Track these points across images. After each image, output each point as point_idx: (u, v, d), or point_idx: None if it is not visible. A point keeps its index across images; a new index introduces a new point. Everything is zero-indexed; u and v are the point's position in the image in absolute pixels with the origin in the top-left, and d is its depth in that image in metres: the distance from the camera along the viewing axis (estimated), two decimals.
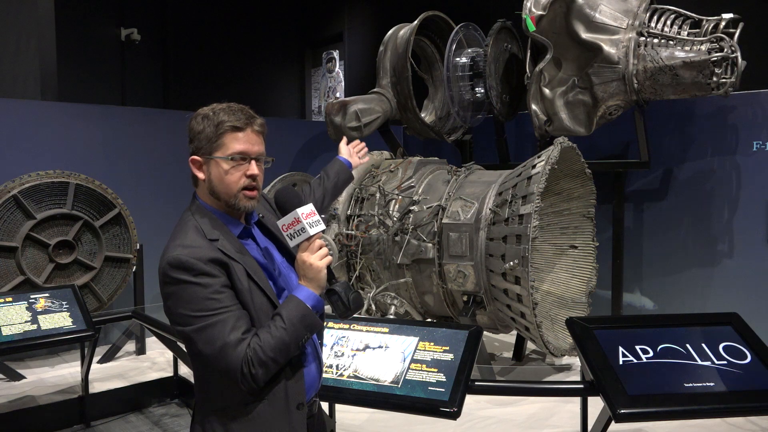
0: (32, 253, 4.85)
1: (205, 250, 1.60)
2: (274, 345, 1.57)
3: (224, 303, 1.58)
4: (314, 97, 10.43)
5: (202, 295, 1.56)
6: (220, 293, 1.58)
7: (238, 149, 1.68)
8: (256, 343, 1.56)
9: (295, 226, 1.66)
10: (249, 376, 1.55)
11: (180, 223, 1.71)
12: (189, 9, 8.98)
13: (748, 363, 2.45)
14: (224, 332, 1.55)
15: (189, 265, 1.56)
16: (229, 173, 1.67)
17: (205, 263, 1.58)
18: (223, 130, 1.67)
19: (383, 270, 4.74)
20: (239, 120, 1.68)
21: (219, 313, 1.56)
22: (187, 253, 1.58)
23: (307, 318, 1.62)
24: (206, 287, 1.57)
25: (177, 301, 1.58)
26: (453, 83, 5.56)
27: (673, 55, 4.47)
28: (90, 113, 5.69)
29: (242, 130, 1.68)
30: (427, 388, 2.54)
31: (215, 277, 1.58)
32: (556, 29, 4.88)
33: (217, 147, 1.68)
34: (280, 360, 1.60)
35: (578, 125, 4.96)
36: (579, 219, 4.85)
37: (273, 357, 1.57)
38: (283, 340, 1.58)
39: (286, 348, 1.59)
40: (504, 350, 5.31)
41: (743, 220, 4.96)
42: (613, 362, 2.46)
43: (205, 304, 1.56)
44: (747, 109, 4.94)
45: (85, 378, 4.15)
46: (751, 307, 4.67)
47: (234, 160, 1.67)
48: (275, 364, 1.59)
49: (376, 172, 5.09)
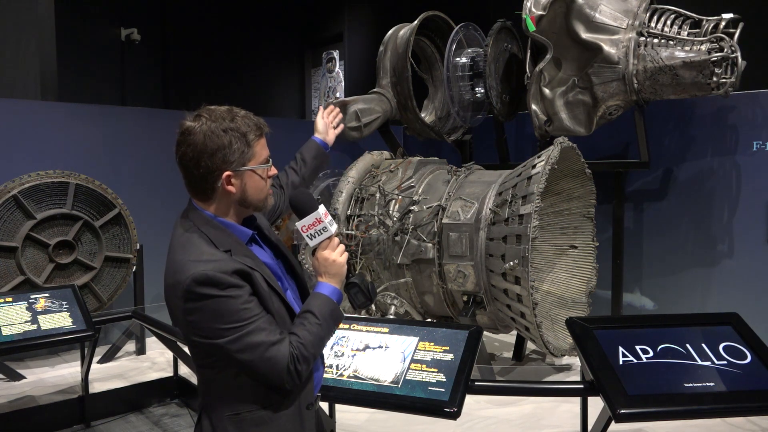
0: (32, 253, 4.85)
1: (227, 262, 1.60)
2: (313, 340, 1.64)
3: (254, 311, 1.59)
4: (314, 97, 10.43)
5: (234, 307, 1.56)
6: (249, 302, 1.59)
7: (267, 154, 1.74)
8: (297, 341, 1.62)
9: (317, 226, 1.74)
10: (295, 372, 1.59)
11: (182, 236, 1.67)
12: (189, 9, 8.97)
13: (748, 363, 2.45)
14: (263, 337, 1.58)
15: (217, 280, 1.55)
16: (262, 180, 1.73)
17: (230, 275, 1.57)
18: (251, 139, 1.69)
19: (383, 270, 4.75)
20: (258, 126, 1.72)
21: (253, 321, 1.58)
22: (211, 268, 1.56)
23: (335, 312, 1.71)
24: (237, 299, 1.57)
25: (206, 315, 1.56)
26: (453, 83, 5.56)
27: (673, 55, 4.47)
28: (90, 113, 5.69)
29: (263, 135, 1.74)
30: (427, 388, 2.54)
31: (242, 288, 1.59)
32: (556, 29, 4.88)
33: (250, 157, 1.69)
34: (318, 355, 1.69)
35: (578, 125, 4.96)
36: (579, 219, 4.85)
37: (314, 353, 1.64)
38: (320, 335, 1.66)
39: (322, 343, 1.68)
40: (504, 350, 5.31)
41: (743, 221, 4.96)
42: (613, 362, 2.46)
43: (239, 315, 1.56)
44: (747, 109, 4.94)
45: (85, 378, 4.15)
46: (751, 307, 4.67)
47: (262, 166, 1.72)
48: (314, 360, 1.66)
49: (376, 172, 5.09)
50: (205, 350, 1.63)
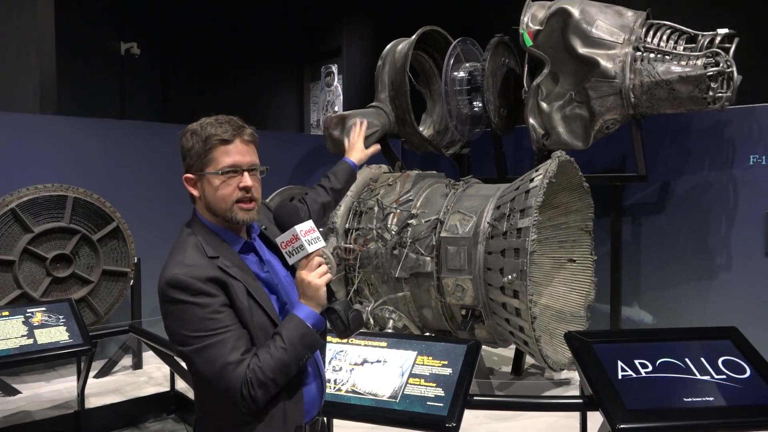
0: (29, 267, 4.83)
1: (204, 268, 1.58)
2: (273, 366, 1.54)
3: (223, 323, 1.55)
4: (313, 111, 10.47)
5: (201, 315, 1.54)
6: (219, 313, 1.55)
7: (229, 162, 1.64)
8: (255, 363, 1.53)
9: (294, 243, 1.63)
10: (249, 397, 1.52)
11: (179, 240, 1.69)
12: (188, 23, 9.03)
13: (748, 377, 2.44)
14: (223, 353, 1.52)
15: (186, 285, 1.54)
16: (222, 188, 1.64)
17: (203, 282, 1.55)
18: (211, 144, 1.64)
19: (381, 284, 4.74)
20: (226, 132, 1.65)
21: (218, 334, 1.54)
22: (185, 272, 1.55)
23: (306, 337, 1.59)
24: (204, 307, 1.54)
25: (175, 320, 1.56)
26: (451, 97, 5.59)
27: (670, 69, 4.50)
28: (89, 127, 5.71)
29: (230, 142, 1.65)
30: (425, 403, 2.53)
31: (214, 297, 1.56)
32: (553, 44, 4.92)
33: (207, 162, 1.65)
34: (280, 380, 1.57)
35: (576, 139, 4.98)
36: (577, 232, 4.85)
37: (273, 378, 1.54)
38: (283, 360, 1.55)
39: (286, 368, 1.57)
40: (503, 364, 5.28)
41: (741, 234, 4.97)
42: (612, 376, 2.45)
43: (204, 324, 1.54)
44: (743, 124, 4.97)
45: (81, 393, 4.13)
46: (750, 320, 4.67)
47: (224, 174, 1.64)
48: (275, 385, 1.56)
49: (374, 185, 5.10)
50: (185, 360, 1.62)
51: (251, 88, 9.73)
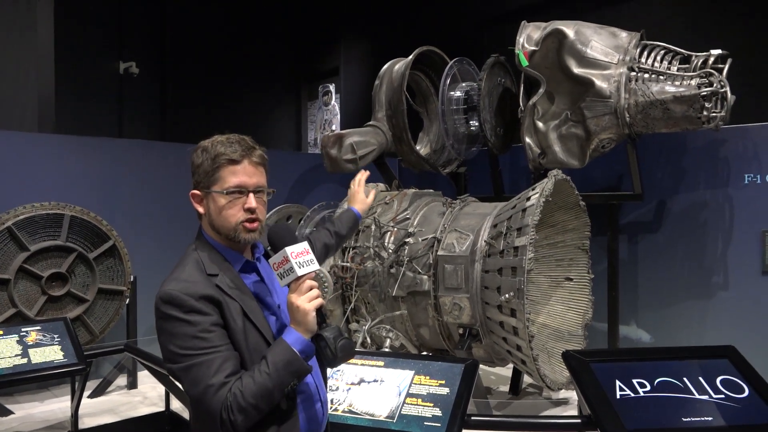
0: (25, 286, 4.81)
1: (199, 285, 1.57)
2: (255, 391, 1.50)
3: (212, 342, 1.53)
4: (310, 130, 10.52)
5: (191, 333, 1.52)
6: (209, 332, 1.53)
7: (235, 183, 1.64)
8: (237, 387, 1.50)
9: (285, 265, 1.60)
10: (228, 422, 1.48)
11: (183, 256, 1.68)
12: (187, 42, 9.11)
13: (746, 397, 2.43)
14: (208, 374, 1.50)
15: (179, 301, 1.53)
16: (227, 207, 1.64)
17: (196, 300, 1.54)
18: (219, 163, 1.64)
19: (378, 302, 4.72)
20: (235, 152, 1.65)
21: (205, 354, 1.51)
22: (179, 288, 1.55)
23: (292, 364, 1.54)
24: (195, 325, 1.52)
25: (167, 336, 1.55)
26: (447, 116, 5.63)
27: (664, 89, 4.54)
28: (87, 145, 5.72)
29: (239, 162, 1.65)
30: (422, 423, 2.51)
31: (205, 315, 1.54)
32: (548, 64, 4.97)
33: (214, 181, 1.65)
34: (262, 406, 1.52)
35: (572, 158, 5.01)
36: (574, 251, 4.86)
37: (254, 404, 1.50)
38: (266, 386, 1.51)
39: (269, 394, 1.52)
40: (500, 384, 5.25)
41: (738, 252, 4.99)
42: (610, 396, 2.44)
43: (193, 342, 1.52)
44: (738, 143, 5.01)
45: (75, 413, 4.08)
46: (748, 338, 4.66)
47: (230, 194, 1.64)
48: (256, 411, 1.51)
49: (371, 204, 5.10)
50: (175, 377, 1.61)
51: (249, 107, 9.79)
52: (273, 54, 10.13)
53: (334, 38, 9.66)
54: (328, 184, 7.09)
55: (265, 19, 9.98)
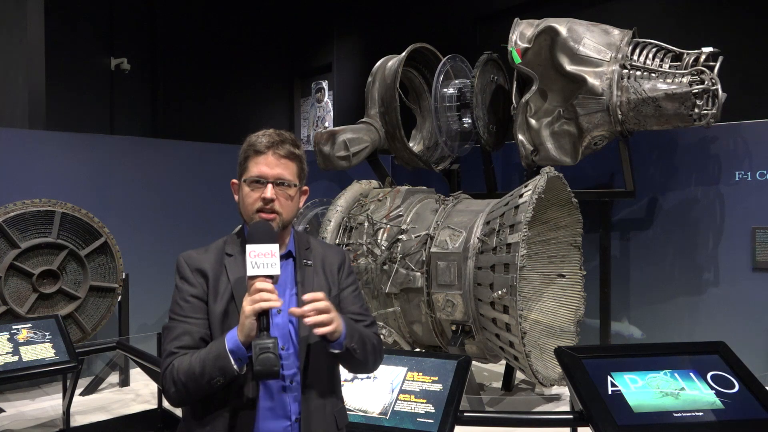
0: (15, 283, 4.77)
1: (203, 258, 1.70)
2: (185, 370, 1.56)
3: (185, 312, 1.65)
4: (303, 127, 10.50)
5: (176, 298, 1.67)
6: (186, 302, 1.65)
7: (255, 172, 1.70)
8: (177, 362, 1.59)
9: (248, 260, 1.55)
10: (165, 390, 1.60)
11: None
12: (179, 39, 9.06)
13: (736, 392, 2.45)
14: (168, 338, 1.63)
15: (179, 267, 1.70)
16: (248, 196, 1.70)
17: (191, 270, 1.68)
18: (247, 153, 1.73)
19: (371, 299, 4.72)
20: (261, 143, 1.71)
21: (176, 319, 1.65)
22: (186, 256, 1.71)
23: (220, 359, 1.53)
24: (180, 291, 1.67)
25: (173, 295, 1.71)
26: (440, 113, 5.63)
27: (656, 87, 4.56)
28: (78, 142, 5.68)
29: (262, 153, 1.70)
30: (415, 420, 2.51)
31: (191, 286, 1.67)
32: (541, 61, 4.98)
33: (243, 170, 1.74)
34: (190, 387, 1.55)
35: (564, 155, 5.03)
36: (566, 248, 4.87)
37: (184, 382, 1.56)
38: (194, 370, 1.55)
39: (195, 379, 1.54)
40: (493, 380, 5.27)
41: (728, 249, 5.02)
42: (602, 392, 2.45)
43: (173, 306, 1.68)
44: (729, 140, 5.04)
45: (67, 411, 4.06)
46: (738, 334, 4.70)
47: (252, 183, 1.69)
48: (185, 390, 1.56)
49: (364, 201, 5.10)
50: None
51: (241, 103, 9.75)
52: (266, 50, 10.10)
53: (327, 35, 9.64)
54: (321, 181, 7.08)
55: (258, 16, 9.94)
